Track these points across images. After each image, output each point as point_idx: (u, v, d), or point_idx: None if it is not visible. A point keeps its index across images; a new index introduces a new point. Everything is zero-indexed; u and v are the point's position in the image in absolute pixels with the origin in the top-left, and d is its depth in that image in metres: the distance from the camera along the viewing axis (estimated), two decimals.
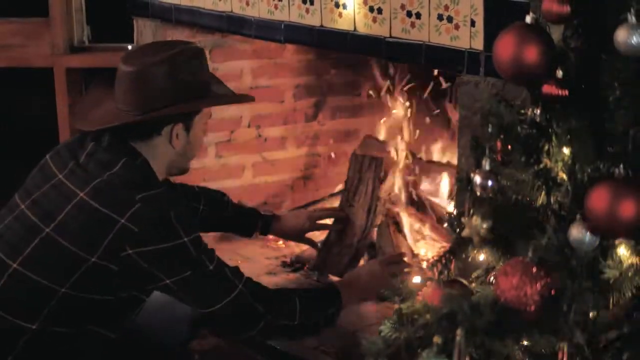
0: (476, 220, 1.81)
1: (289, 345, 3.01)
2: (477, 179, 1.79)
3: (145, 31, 3.59)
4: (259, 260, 3.53)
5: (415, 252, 3.30)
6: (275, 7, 3.05)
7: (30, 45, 4.05)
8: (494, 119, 1.75)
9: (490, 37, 2.49)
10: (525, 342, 1.71)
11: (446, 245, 3.41)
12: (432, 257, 2.07)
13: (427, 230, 3.53)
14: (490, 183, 1.77)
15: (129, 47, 3.80)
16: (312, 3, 2.92)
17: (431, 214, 3.55)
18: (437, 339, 1.70)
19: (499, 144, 1.86)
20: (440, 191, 3.62)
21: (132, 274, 2.31)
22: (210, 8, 3.29)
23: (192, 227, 2.36)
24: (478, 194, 1.79)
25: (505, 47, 1.75)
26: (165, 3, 3.43)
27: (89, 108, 2.48)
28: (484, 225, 1.81)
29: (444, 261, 1.93)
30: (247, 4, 3.14)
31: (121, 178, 2.34)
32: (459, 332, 1.65)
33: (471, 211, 1.85)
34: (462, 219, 1.84)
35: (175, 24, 3.49)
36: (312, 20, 2.94)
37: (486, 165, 1.78)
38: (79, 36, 4.08)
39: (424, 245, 3.44)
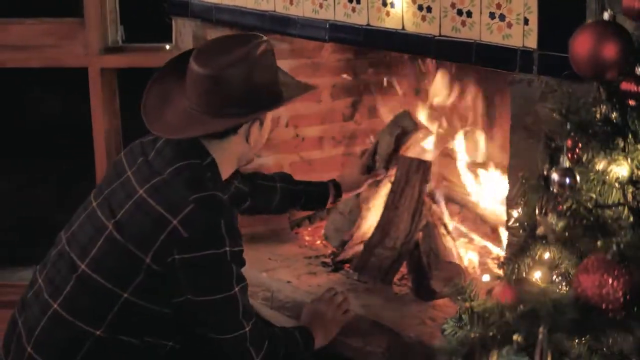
0: (552, 218, 1.80)
1: (334, 344, 3.01)
2: (555, 176, 1.78)
3: (185, 31, 3.57)
4: (299, 259, 3.51)
5: (461, 253, 3.29)
6: (320, 6, 3.04)
7: (64, 45, 4.04)
8: (574, 116, 1.74)
9: (544, 35, 2.48)
10: (606, 340, 1.70)
11: (485, 244, 3.42)
12: (503, 257, 2.06)
13: (465, 229, 3.53)
14: (568, 180, 1.76)
15: (167, 46, 3.80)
16: (358, 2, 2.91)
17: (470, 212, 3.55)
18: (517, 337, 1.69)
19: (569, 141, 1.85)
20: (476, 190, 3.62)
21: (172, 282, 2.28)
22: (252, 7, 3.26)
23: (237, 239, 2.35)
24: (555, 191, 1.78)
25: (583, 44, 1.74)
26: (205, 2, 3.40)
27: (158, 106, 2.43)
28: (560, 224, 1.80)
29: (514, 260, 1.92)
30: (291, 3, 3.12)
31: (181, 177, 2.31)
32: (541, 329, 1.65)
33: (544, 209, 1.84)
34: (537, 218, 1.83)
35: (216, 24, 3.47)
36: (358, 19, 2.93)
37: (564, 162, 1.77)
38: (112, 36, 4.07)
39: (466, 245, 3.44)
